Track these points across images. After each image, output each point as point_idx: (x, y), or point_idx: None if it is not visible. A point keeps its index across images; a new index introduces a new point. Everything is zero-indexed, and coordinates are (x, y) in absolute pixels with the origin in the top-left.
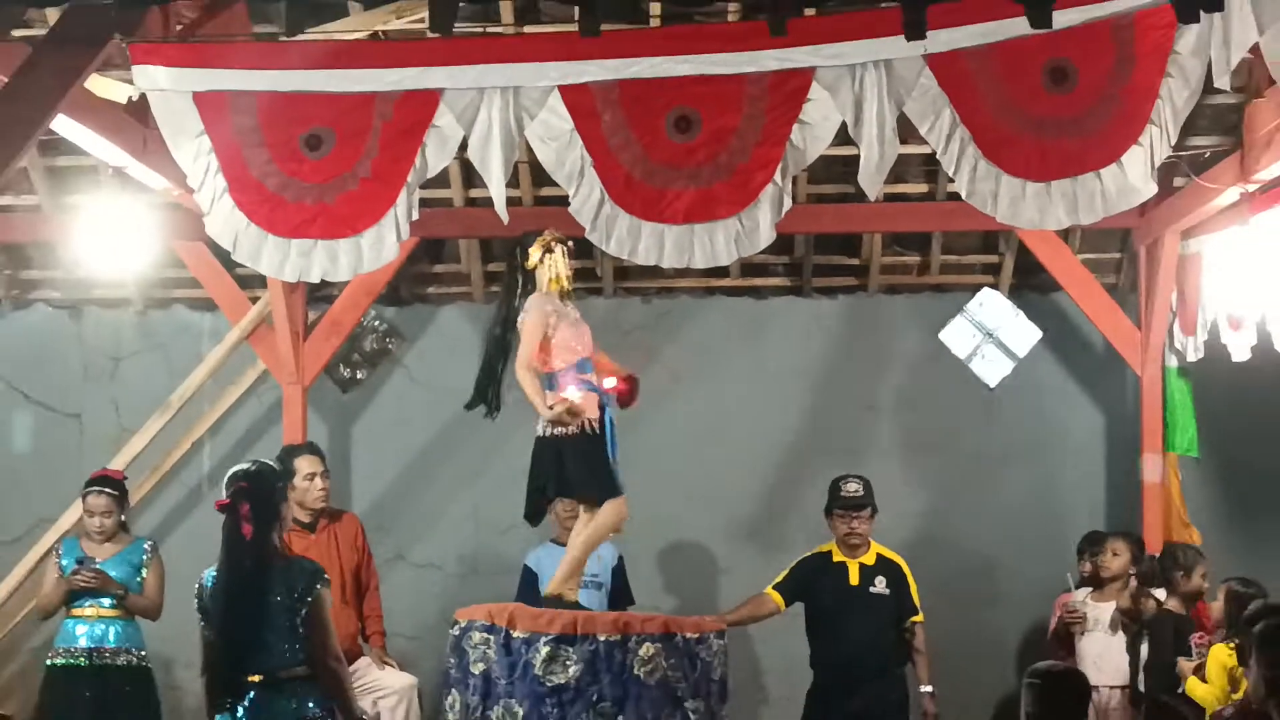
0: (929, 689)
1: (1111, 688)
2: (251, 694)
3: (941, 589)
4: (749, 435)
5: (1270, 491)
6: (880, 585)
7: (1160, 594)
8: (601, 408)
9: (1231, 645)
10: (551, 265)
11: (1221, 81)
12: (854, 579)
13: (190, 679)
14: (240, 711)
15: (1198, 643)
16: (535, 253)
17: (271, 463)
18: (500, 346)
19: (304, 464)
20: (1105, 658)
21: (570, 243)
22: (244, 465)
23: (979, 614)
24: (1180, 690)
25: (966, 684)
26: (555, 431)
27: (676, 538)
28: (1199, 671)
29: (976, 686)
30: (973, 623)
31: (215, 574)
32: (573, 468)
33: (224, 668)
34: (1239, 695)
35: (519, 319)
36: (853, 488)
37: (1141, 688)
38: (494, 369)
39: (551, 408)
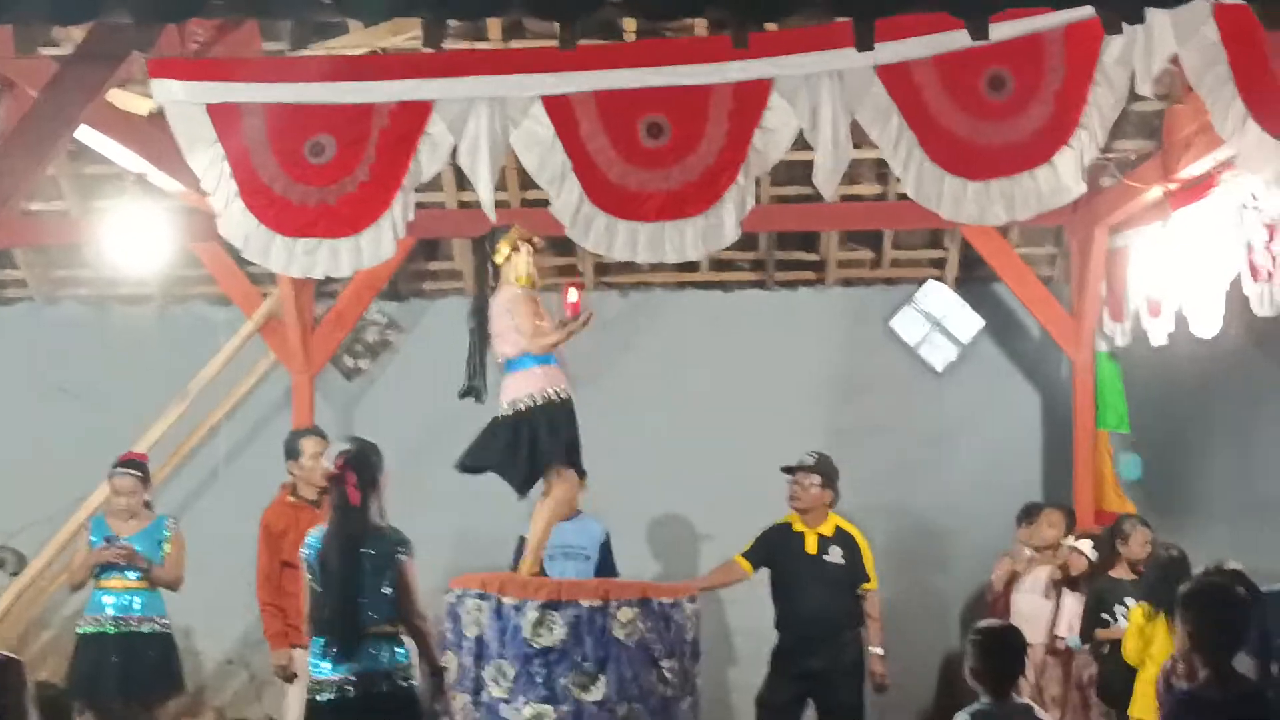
0: (879, 651)
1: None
2: (349, 644)
3: (893, 556)
4: (720, 416)
5: (1193, 462)
6: (835, 555)
7: (1090, 551)
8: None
9: (1145, 606)
10: (517, 264)
11: (1144, 89)
12: (811, 548)
13: (208, 644)
14: (337, 659)
15: None
16: (504, 249)
17: (368, 441)
18: (478, 336)
19: (309, 445)
20: (1036, 619)
21: (535, 240)
22: (349, 441)
23: (927, 579)
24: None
25: (915, 644)
26: (526, 406)
27: (658, 511)
28: None
29: (924, 646)
30: (921, 587)
31: (322, 534)
32: (546, 437)
33: (326, 619)
34: (1153, 650)
35: (499, 310)
36: (805, 457)
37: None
38: (477, 358)
39: (586, 322)
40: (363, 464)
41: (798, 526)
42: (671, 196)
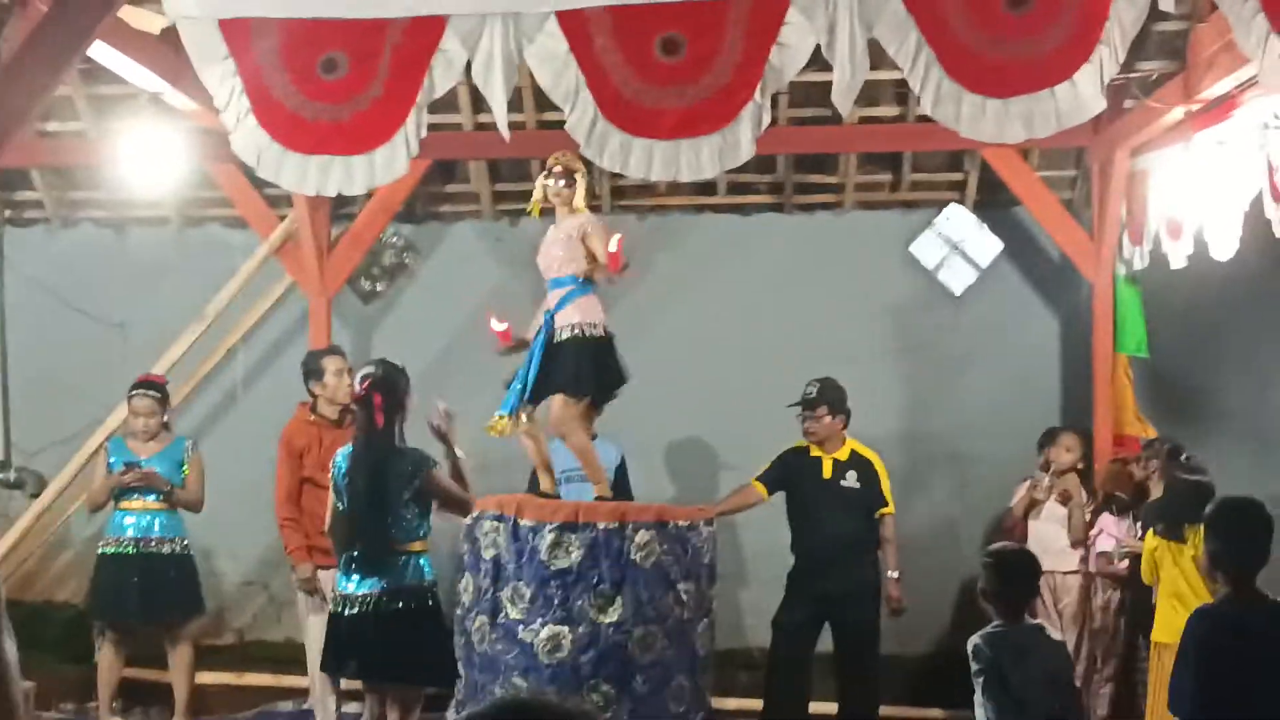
0: (895, 574)
1: (1063, 573)
2: (375, 560)
3: (911, 481)
4: (737, 341)
5: (1210, 385)
6: (851, 479)
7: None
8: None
9: (1155, 531)
10: (581, 188)
11: (1166, 5)
12: (827, 472)
13: (227, 565)
14: (364, 575)
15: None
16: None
17: (392, 363)
18: None
19: (331, 364)
20: (1055, 546)
21: (554, 169)
22: (373, 364)
23: (945, 504)
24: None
25: (932, 569)
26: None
27: (674, 435)
28: None
29: (941, 571)
30: (938, 512)
31: (349, 454)
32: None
33: (353, 536)
34: (1161, 574)
35: (570, 232)
36: (809, 390)
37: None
38: None
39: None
40: (389, 387)
41: (814, 451)
42: (687, 114)
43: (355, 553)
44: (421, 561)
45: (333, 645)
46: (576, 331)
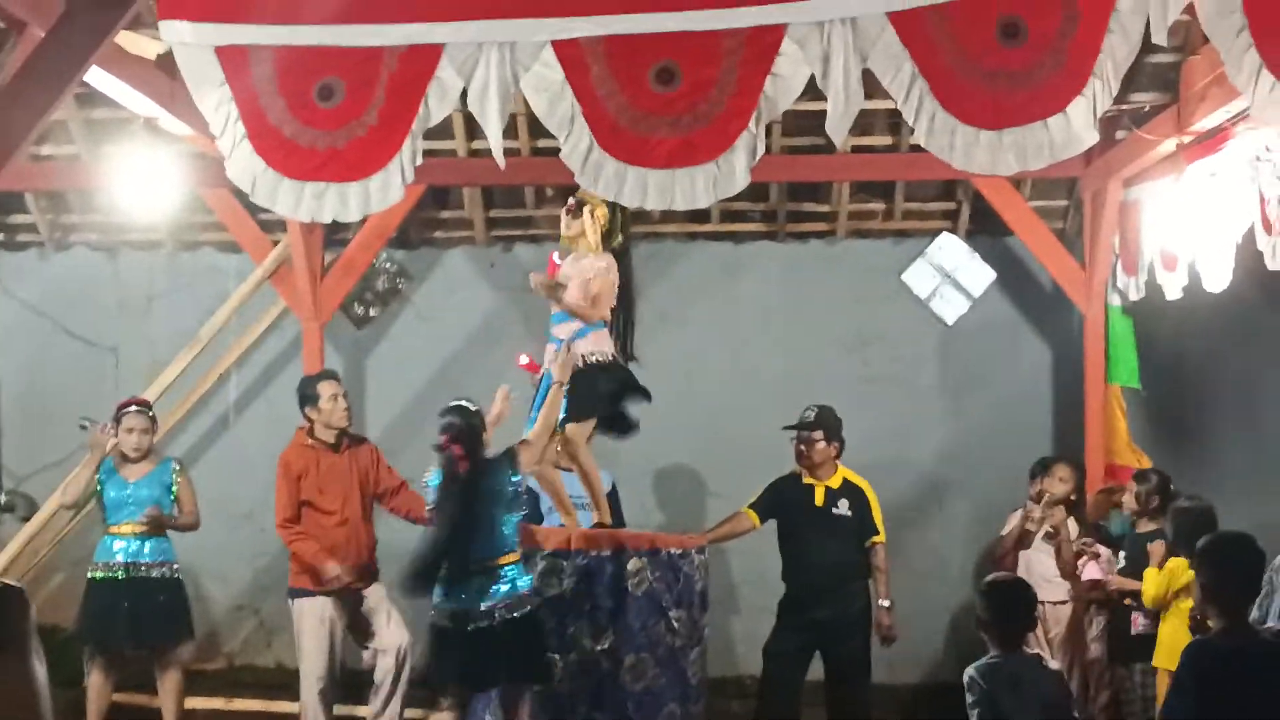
0: (886, 603)
1: (1053, 603)
2: (475, 578)
3: (902, 510)
4: (728, 368)
5: (1203, 417)
6: (843, 507)
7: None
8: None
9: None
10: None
11: (1159, 37)
12: (819, 500)
13: (217, 590)
14: (466, 593)
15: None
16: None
17: (467, 402)
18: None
19: (326, 388)
20: (1047, 576)
21: (569, 201)
22: (450, 412)
23: (936, 533)
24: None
25: (924, 597)
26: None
27: (665, 462)
28: None
29: (933, 600)
30: (930, 541)
31: (439, 478)
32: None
33: (451, 560)
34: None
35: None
36: (806, 414)
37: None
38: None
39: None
40: (467, 436)
41: (806, 479)
42: (682, 143)
43: (450, 572)
44: (516, 575)
45: (470, 658)
46: (584, 361)
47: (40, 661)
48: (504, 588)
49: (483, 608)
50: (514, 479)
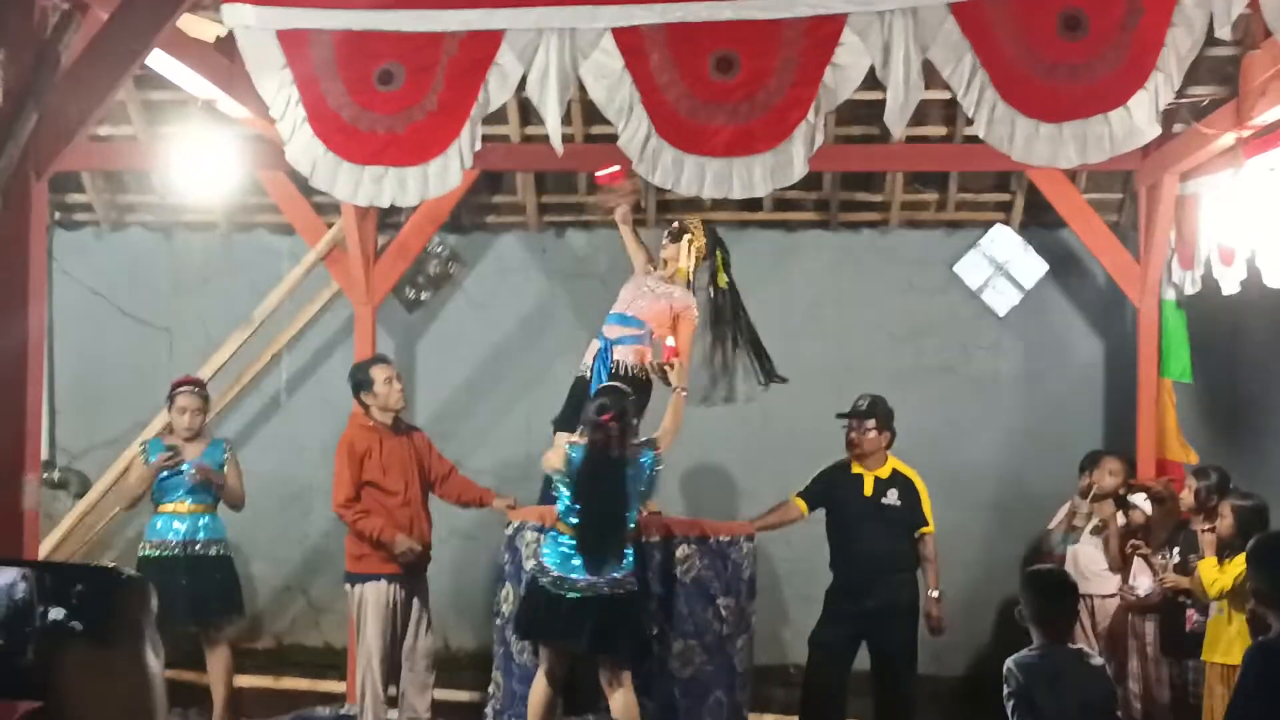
0: (935, 593)
1: (1102, 596)
2: (608, 554)
3: (952, 501)
4: (778, 356)
5: (1254, 413)
6: (892, 497)
7: (1146, 506)
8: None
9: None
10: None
11: (1222, 32)
12: (868, 490)
13: (266, 569)
14: (595, 566)
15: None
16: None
17: (622, 386)
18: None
19: (380, 372)
20: (1093, 570)
21: (673, 224)
22: (607, 394)
23: (985, 525)
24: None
25: (973, 588)
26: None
27: (713, 449)
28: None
29: (982, 591)
30: (979, 533)
31: (582, 453)
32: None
33: (587, 530)
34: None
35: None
36: (860, 402)
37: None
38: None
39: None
40: (625, 417)
41: (856, 468)
42: (740, 132)
43: (588, 544)
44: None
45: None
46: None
47: (157, 654)
48: (624, 564)
49: (601, 580)
50: (655, 466)
